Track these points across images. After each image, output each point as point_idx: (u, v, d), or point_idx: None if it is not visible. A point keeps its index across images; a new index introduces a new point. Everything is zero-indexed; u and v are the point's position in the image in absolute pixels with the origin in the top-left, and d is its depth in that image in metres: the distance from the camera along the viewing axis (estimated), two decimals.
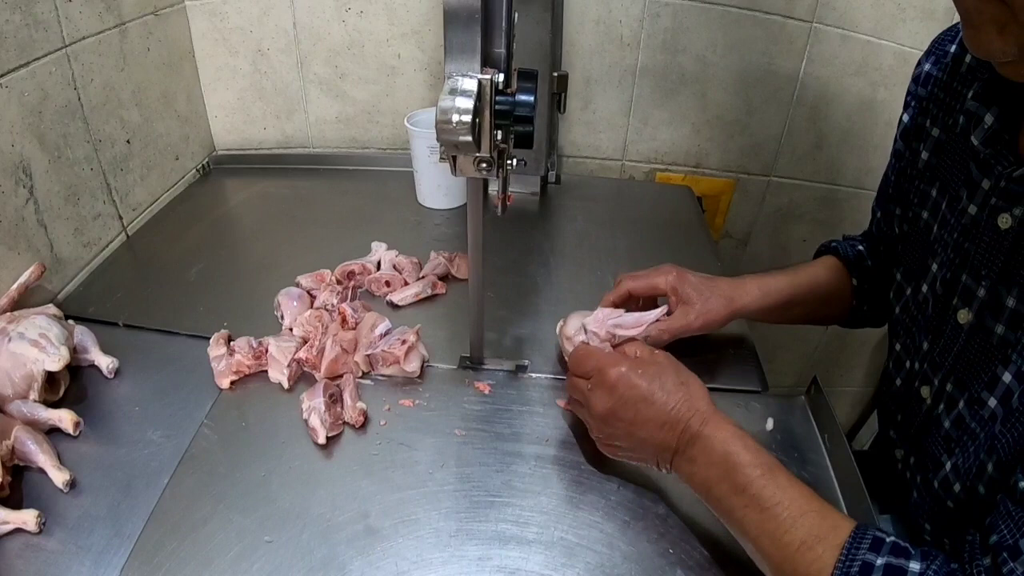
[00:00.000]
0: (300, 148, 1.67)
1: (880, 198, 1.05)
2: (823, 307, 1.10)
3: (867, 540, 0.64)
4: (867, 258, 1.09)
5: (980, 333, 0.76)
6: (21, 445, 0.81)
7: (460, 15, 0.68)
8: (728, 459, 0.72)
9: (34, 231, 1.08)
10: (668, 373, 0.80)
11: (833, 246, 1.12)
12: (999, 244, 0.74)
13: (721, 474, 0.72)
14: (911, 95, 0.93)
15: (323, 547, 0.76)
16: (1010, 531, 0.62)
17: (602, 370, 0.81)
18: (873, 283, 1.08)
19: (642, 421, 0.78)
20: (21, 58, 1.03)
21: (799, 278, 1.07)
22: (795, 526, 0.67)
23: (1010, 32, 0.59)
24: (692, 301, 0.99)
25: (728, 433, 0.74)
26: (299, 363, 0.98)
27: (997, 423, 0.71)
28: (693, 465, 0.75)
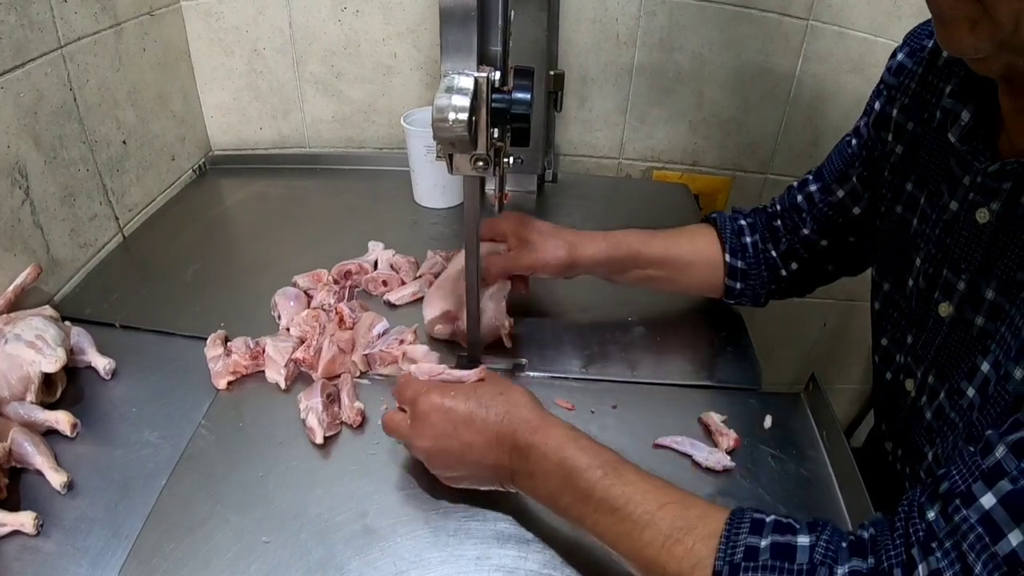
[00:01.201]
0: (296, 148, 1.67)
1: (823, 176, 1.01)
2: (682, 274, 1.07)
3: (746, 523, 0.62)
4: (746, 234, 1.07)
5: (960, 325, 0.77)
6: (18, 447, 0.81)
7: (456, 14, 0.68)
8: (564, 464, 0.69)
9: (30, 232, 1.08)
10: (484, 388, 0.77)
11: (713, 216, 1.10)
12: (978, 238, 0.74)
13: (561, 482, 0.69)
14: (883, 83, 0.93)
15: (321, 547, 0.76)
16: (963, 476, 0.57)
17: (415, 400, 0.77)
18: (749, 260, 1.06)
19: (469, 446, 0.74)
20: (16, 59, 1.03)
21: (655, 239, 1.06)
22: (654, 521, 0.63)
23: (982, 28, 0.59)
24: (531, 243, 1.00)
25: (560, 438, 0.70)
26: (296, 363, 0.98)
27: (975, 411, 0.71)
28: (532, 480, 0.72)
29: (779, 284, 1.09)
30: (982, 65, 0.65)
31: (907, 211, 0.87)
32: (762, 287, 1.08)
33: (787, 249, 1.06)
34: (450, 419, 0.75)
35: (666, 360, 1.06)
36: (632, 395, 0.98)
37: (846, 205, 0.99)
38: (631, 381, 1.01)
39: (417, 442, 0.77)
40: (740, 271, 1.06)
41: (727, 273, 1.07)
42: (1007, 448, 0.55)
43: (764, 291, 1.09)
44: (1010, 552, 0.51)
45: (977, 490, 0.55)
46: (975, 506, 0.55)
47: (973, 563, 0.53)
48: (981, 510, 0.54)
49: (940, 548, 0.55)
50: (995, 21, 0.58)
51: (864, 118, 0.97)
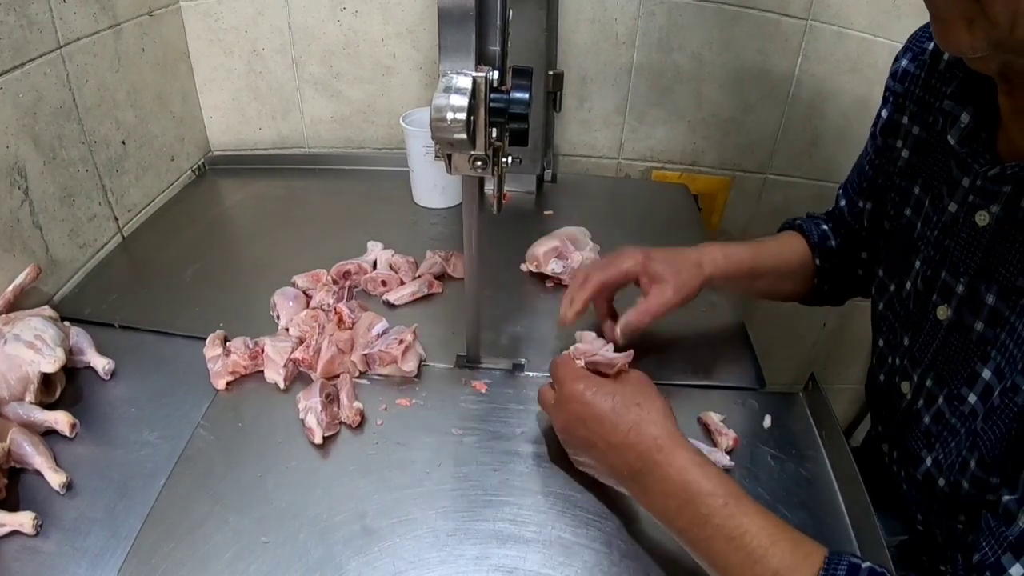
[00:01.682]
0: (296, 148, 1.67)
1: (848, 188, 1.05)
2: (785, 282, 1.09)
3: (843, 566, 0.62)
4: (831, 238, 1.08)
5: (959, 329, 0.77)
6: (17, 447, 0.81)
7: (454, 14, 0.68)
8: (687, 489, 0.69)
9: (29, 233, 1.08)
10: (626, 392, 0.78)
11: (798, 224, 1.11)
12: (977, 241, 0.74)
13: (681, 504, 0.69)
14: (888, 91, 0.93)
15: (320, 547, 0.76)
16: (991, 548, 0.62)
17: (560, 384, 0.81)
18: (834, 263, 1.08)
19: (594, 441, 0.77)
20: (15, 59, 1.03)
21: (763, 251, 1.06)
22: (766, 556, 0.63)
23: (979, 27, 0.59)
24: (665, 278, 0.96)
25: (685, 461, 0.71)
26: (295, 363, 0.98)
27: (978, 420, 0.71)
28: (650, 496, 0.73)
29: (854, 285, 1.11)
30: (980, 64, 0.66)
31: (914, 214, 0.88)
32: (843, 287, 1.10)
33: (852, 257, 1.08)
34: (585, 412, 0.77)
35: (665, 360, 1.06)
36: None
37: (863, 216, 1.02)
38: None
39: (555, 420, 0.82)
40: (829, 273, 1.08)
41: (817, 276, 1.08)
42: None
43: (845, 291, 1.11)
44: None
45: (1006, 562, 0.60)
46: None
47: None
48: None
49: None
50: (991, 20, 0.58)
51: (873, 128, 0.98)
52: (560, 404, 0.80)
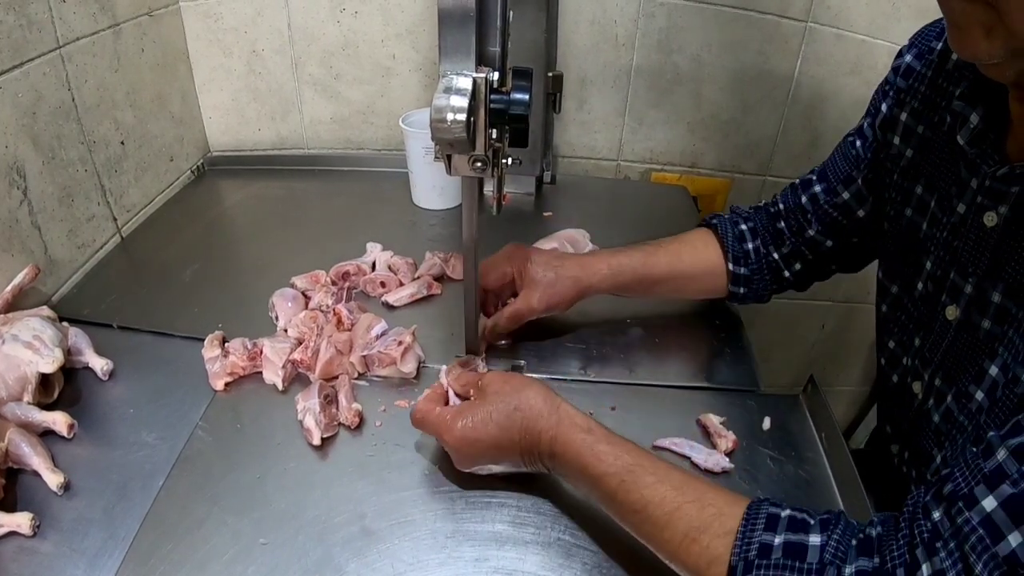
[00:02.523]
0: (295, 149, 1.67)
1: (827, 177, 1.01)
2: (688, 285, 1.09)
3: (761, 519, 0.64)
4: (747, 239, 1.07)
5: (967, 329, 0.77)
6: (15, 448, 0.81)
7: (455, 15, 0.68)
8: (585, 473, 0.73)
9: (28, 233, 1.08)
10: (497, 403, 0.78)
11: (714, 222, 1.10)
12: (985, 242, 0.74)
13: (588, 487, 0.74)
14: (889, 85, 0.93)
15: (319, 549, 0.75)
16: (965, 480, 0.59)
17: (440, 435, 0.80)
18: (752, 265, 1.06)
19: (504, 460, 0.79)
20: (15, 59, 1.02)
21: (656, 256, 1.05)
22: (671, 522, 0.66)
23: (997, 35, 0.59)
24: (536, 284, 0.99)
25: (576, 446, 0.73)
26: (294, 364, 0.97)
27: (983, 415, 0.71)
28: (569, 480, 0.78)
29: (781, 284, 1.09)
30: (995, 71, 0.65)
31: (917, 214, 0.87)
32: (764, 289, 1.08)
33: (791, 251, 1.05)
34: (478, 448, 0.78)
35: (665, 362, 1.06)
36: (631, 397, 0.98)
37: (851, 207, 0.99)
38: (630, 383, 1.01)
39: (457, 463, 0.82)
40: (744, 277, 1.06)
41: (731, 280, 1.07)
42: (1008, 452, 0.56)
43: (767, 292, 1.09)
44: (1010, 553, 0.52)
45: (979, 493, 0.56)
46: (977, 508, 0.56)
47: (974, 564, 0.54)
48: (983, 512, 0.55)
49: (944, 549, 0.56)
50: (1009, 28, 0.57)
51: (868, 119, 0.97)
52: (454, 452, 0.80)
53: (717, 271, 1.07)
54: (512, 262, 1.02)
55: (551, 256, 1.03)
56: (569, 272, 1.01)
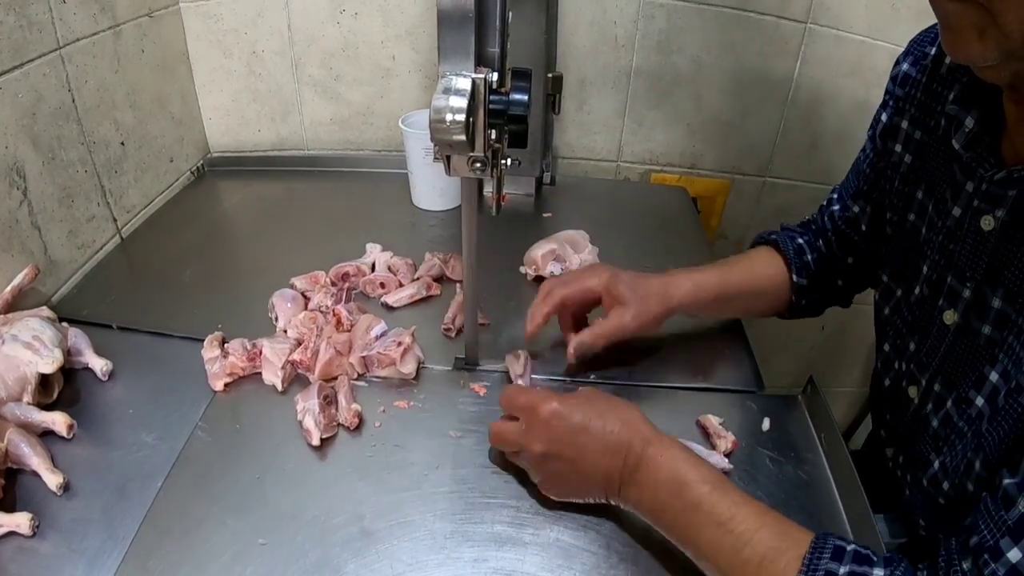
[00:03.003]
0: (295, 150, 1.67)
1: (843, 192, 1.04)
2: (758, 302, 1.09)
3: (828, 549, 0.64)
4: (807, 252, 1.07)
5: (966, 334, 0.76)
6: (14, 448, 0.81)
7: (454, 16, 0.68)
8: (677, 477, 0.71)
9: (28, 233, 1.08)
10: (599, 400, 0.79)
11: (773, 239, 1.10)
12: (983, 245, 0.74)
13: (671, 494, 0.71)
14: (889, 94, 0.93)
15: (318, 549, 0.76)
16: (990, 531, 0.61)
17: (533, 408, 0.79)
18: (812, 278, 1.07)
19: (584, 453, 0.76)
20: (15, 59, 1.02)
21: (732, 274, 1.05)
22: (754, 540, 0.66)
23: (990, 37, 0.59)
24: (626, 302, 0.97)
25: (674, 452, 0.73)
26: (293, 365, 0.97)
27: (984, 421, 0.71)
28: (641, 489, 0.74)
29: (832, 296, 1.10)
30: (989, 73, 0.65)
31: (918, 219, 0.87)
32: (820, 301, 1.10)
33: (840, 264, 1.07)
34: (569, 426, 0.77)
35: (664, 363, 1.06)
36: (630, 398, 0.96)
37: (858, 220, 1.01)
38: (629, 384, 1.01)
39: (533, 446, 0.78)
40: (806, 289, 1.07)
41: (794, 292, 1.07)
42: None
43: (821, 304, 1.11)
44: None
45: (1004, 546, 0.59)
46: (1003, 560, 0.59)
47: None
48: (1008, 564, 0.59)
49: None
50: (1003, 30, 0.57)
51: (870, 131, 0.98)
52: (536, 427, 0.78)
53: (783, 285, 1.08)
54: (599, 277, 0.99)
55: (634, 275, 1.00)
56: (655, 289, 0.99)
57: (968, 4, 0.58)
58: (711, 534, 0.68)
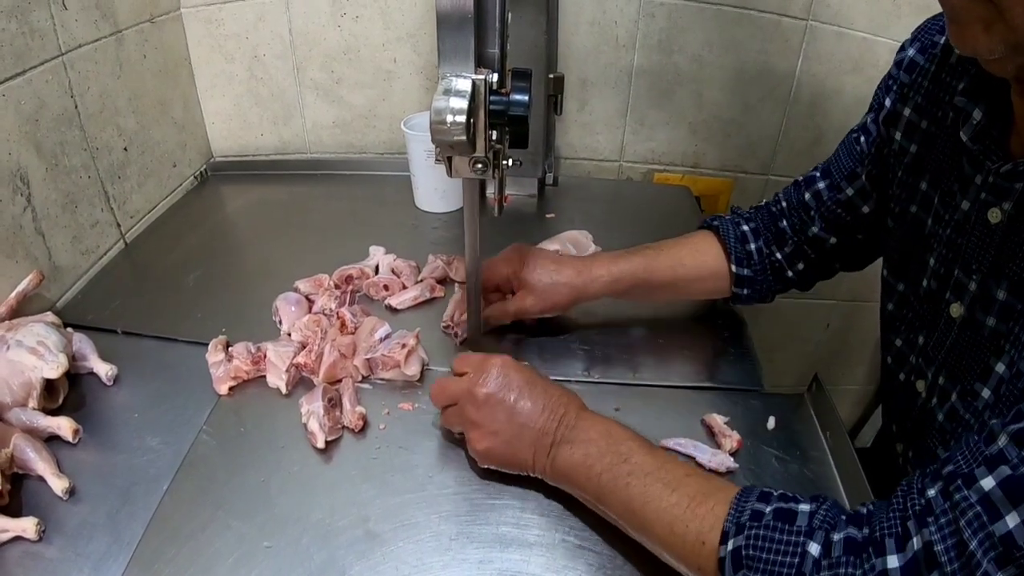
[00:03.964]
0: (297, 154, 1.67)
1: (831, 173, 1.00)
2: (689, 289, 1.09)
3: (755, 493, 0.67)
4: (750, 240, 1.06)
5: (971, 326, 0.76)
6: (20, 453, 0.81)
7: (453, 17, 0.68)
8: (610, 433, 0.77)
9: (32, 239, 1.08)
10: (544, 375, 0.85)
11: (715, 224, 1.09)
12: (989, 238, 0.74)
13: (603, 448, 0.75)
14: (892, 79, 0.92)
15: (323, 552, 0.76)
16: (966, 461, 0.59)
17: (487, 358, 0.84)
18: (755, 266, 1.06)
19: (523, 406, 0.80)
20: (17, 66, 1.03)
21: (659, 261, 1.05)
22: (682, 484, 0.70)
23: (996, 30, 0.59)
24: (532, 288, 1.02)
25: (607, 419, 0.80)
26: (298, 368, 0.98)
27: (989, 412, 0.71)
28: (572, 446, 0.77)
29: (784, 284, 1.09)
30: (996, 66, 0.65)
31: (921, 211, 0.86)
32: (768, 290, 1.08)
33: (794, 250, 1.05)
34: (518, 377, 0.82)
35: (668, 362, 1.06)
36: (634, 397, 0.98)
37: (855, 203, 0.98)
38: (633, 383, 1.01)
39: (478, 390, 0.81)
40: (746, 278, 1.06)
41: (734, 282, 1.06)
42: (1008, 437, 0.57)
43: (770, 292, 1.09)
44: (1006, 533, 0.53)
45: (979, 474, 0.57)
46: (975, 487, 0.56)
47: (969, 539, 0.54)
48: (981, 491, 0.56)
49: (936, 523, 0.57)
50: (1009, 23, 0.57)
51: (871, 114, 0.96)
52: (488, 372, 0.82)
53: (720, 273, 1.07)
54: (509, 264, 1.03)
55: (550, 260, 1.03)
56: (566, 278, 1.02)
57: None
58: (640, 483, 0.71)
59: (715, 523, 0.66)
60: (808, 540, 0.61)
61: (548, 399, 0.80)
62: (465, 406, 0.82)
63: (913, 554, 0.57)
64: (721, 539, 0.65)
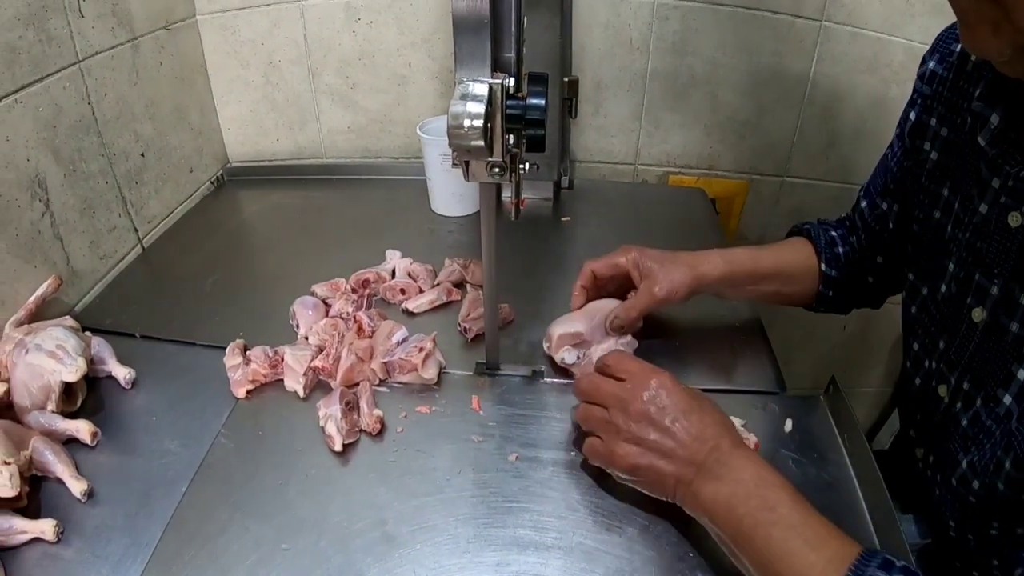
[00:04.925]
0: (313, 159, 1.68)
1: (871, 189, 1.03)
2: (788, 286, 1.08)
3: (876, 559, 0.64)
4: (839, 244, 1.07)
5: (995, 331, 0.76)
6: (39, 455, 0.82)
7: (469, 22, 0.68)
8: (761, 477, 0.72)
9: (50, 244, 1.09)
10: (703, 397, 0.81)
11: (806, 228, 1.11)
12: (1010, 242, 0.73)
13: (751, 490, 0.71)
14: (916, 92, 0.92)
15: (340, 555, 0.76)
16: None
17: (650, 370, 0.82)
18: (842, 270, 1.07)
19: (677, 429, 0.77)
20: (35, 73, 1.04)
21: (764, 254, 1.06)
22: (824, 546, 0.66)
23: (1004, 31, 0.58)
24: (654, 274, 1.00)
25: (761, 460, 0.74)
26: (315, 371, 0.98)
27: (1013, 420, 0.70)
28: (718, 483, 0.73)
29: (862, 293, 1.10)
30: (1007, 68, 0.65)
31: (944, 216, 0.86)
32: (850, 295, 1.09)
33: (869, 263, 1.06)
34: (678, 399, 0.79)
35: (685, 365, 1.05)
36: None
37: (887, 217, 1.00)
38: None
39: (633, 403, 0.79)
40: (835, 280, 1.07)
41: (822, 282, 1.07)
42: None
43: (851, 300, 1.10)
44: None
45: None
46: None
47: None
48: None
49: None
50: (1015, 25, 0.57)
51: (898, 129, 0.97)
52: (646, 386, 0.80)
53: (813, 273, 1.08)
54: (626, 254, 1.03)
55: (666, 251, 1.04)
56: (685, 261, 1.02)
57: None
58: (782, 535, 0.68)
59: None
60: None
61: (703, 427, 0.77)
62: (616, 414, 0.80)
63: None
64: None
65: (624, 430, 0.79)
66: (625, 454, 0.78)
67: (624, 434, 0.79)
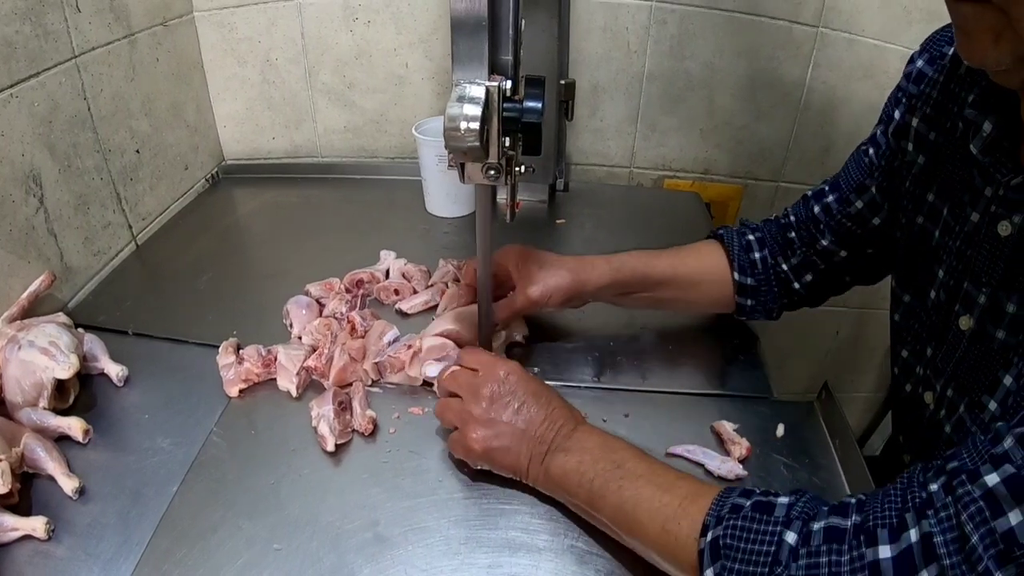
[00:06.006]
0: (309, 157, 1.67)
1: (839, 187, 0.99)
2: (689, 293, 1.06)
3: (738, 490, 0.69)
4: (755, 249, 1.05)
5: (981, 339, 0.76)
6: (30, 452, 0.82)
7: (467, 23, 0.68)
8: (606, 443, 0.78)
9: (44, 240, 1.09)
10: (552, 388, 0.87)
11: (719, 233, 1.08)
12: (999, 251, 0.73)
13: (597, 456, 0.76)
14: (901, 91, 0.91)
15: (332, 555, 0.76)
16: (971, 457, 0.59)
17: (498, 360, 0.87)
18: (758, 277, 1.05)
19: (526, 412, 0.82)
20: (31, 68, 1.03)
21: (659, 260, 1.05)
22: (674, 487, 0.71)
23: (1005, 41, 0.58)
24: (532, 276, 1.00)
25: (603, 432, 0.81)
26: (308, 371, 0.98)
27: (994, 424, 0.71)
28: (567, 454, 0.78)
29: (791, 298, 1.07)
30: (1004, 77, 0.65)
31: (928, 222, 0.86)
32: (773, 302, 1.06)
33: (801, 262, 1.03)
34: (525, 384, 0.84)
35: (678, 369, 1.06)
36: (644, 404, 0.98)
37: (865, 216, 0.97)
38: (643, 390, 1.01)
39: (483, 389, 0.83)
40: (750, 288, 1.05)
41: (736, 291, 1.05)
42: (1015, 439, 0.57)
43: (776, 306, 1.07)
44: (1008, 530, 0.52)
45: (984, 470, 0.56)
46: (979, 483, 0.56)
47: (970, 533, 0.54)
48: (985, 487, 0.55)
49: (936, 515, 0.57)
50: (1019, 34, 0.57)
51: (881, 126, 0.95)
52: (496, 373, 0.84)
53: (721, 279, 1.06)
54: (507, 258, 1.02)
55: (548, 254, 1.03)
56: (568, 265, 1.01)
57: (985, 6, 0.58)
58: (633, 486, 0.73)
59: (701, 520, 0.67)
60: (785, 529, 0.62)
61: (551, 410, 0.82)
62: (469, 401, 0.83)
63: (908, 546, 0.57)
64: (701, 532, 0.66)
65: (476, 416, 0.82)
66: (478, 438, 0.81)
67: (478, 419, 0.82)
